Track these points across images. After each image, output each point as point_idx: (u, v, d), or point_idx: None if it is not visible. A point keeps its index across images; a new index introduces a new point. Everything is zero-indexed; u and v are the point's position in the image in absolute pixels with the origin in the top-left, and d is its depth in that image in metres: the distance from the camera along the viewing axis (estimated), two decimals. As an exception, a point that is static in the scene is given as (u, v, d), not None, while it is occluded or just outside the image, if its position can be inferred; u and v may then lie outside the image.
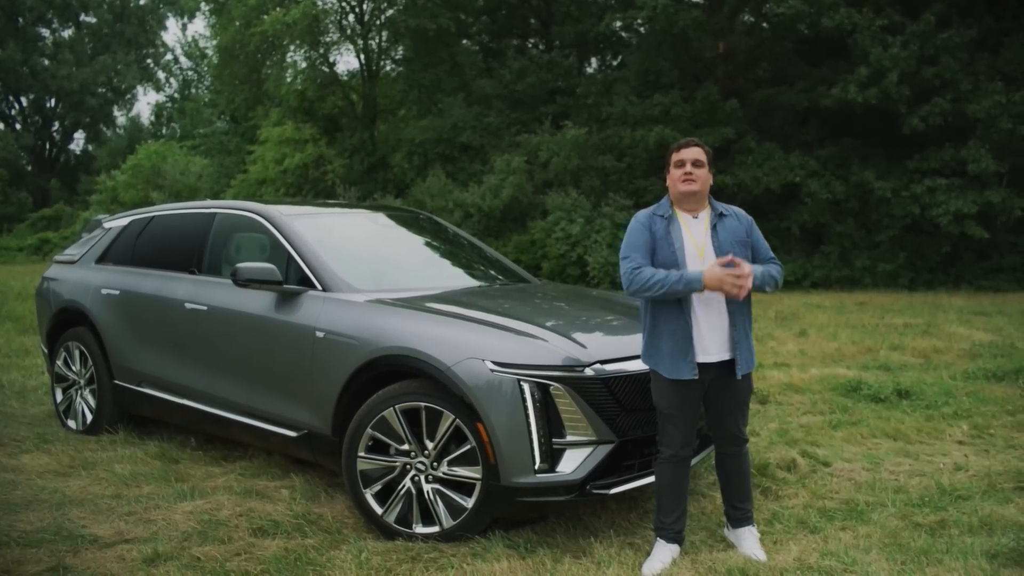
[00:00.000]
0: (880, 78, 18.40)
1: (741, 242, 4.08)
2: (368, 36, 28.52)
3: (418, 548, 4.17)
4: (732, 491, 4.26)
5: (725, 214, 4.13)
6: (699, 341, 3.97)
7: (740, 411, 4.16)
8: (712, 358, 3.98)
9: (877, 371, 8.68)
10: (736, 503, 4.25)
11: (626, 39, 26.77)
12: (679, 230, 4.04)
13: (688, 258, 3.99)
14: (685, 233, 4.03)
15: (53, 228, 37.34)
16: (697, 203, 4.09)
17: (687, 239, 4.02)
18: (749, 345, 4.07)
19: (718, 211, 4.12)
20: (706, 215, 4.10)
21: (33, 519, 4.56)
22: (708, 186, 4.09)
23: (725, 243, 4.02)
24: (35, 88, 50.71)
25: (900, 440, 6.26)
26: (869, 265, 19.27)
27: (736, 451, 4.20)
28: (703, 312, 3.99)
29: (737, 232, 4.10)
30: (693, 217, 4.08)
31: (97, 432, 6.29)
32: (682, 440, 4.07)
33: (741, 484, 4.24)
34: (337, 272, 5.01)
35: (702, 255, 3.99)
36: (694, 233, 4.04)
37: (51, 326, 6.78)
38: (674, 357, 3.97)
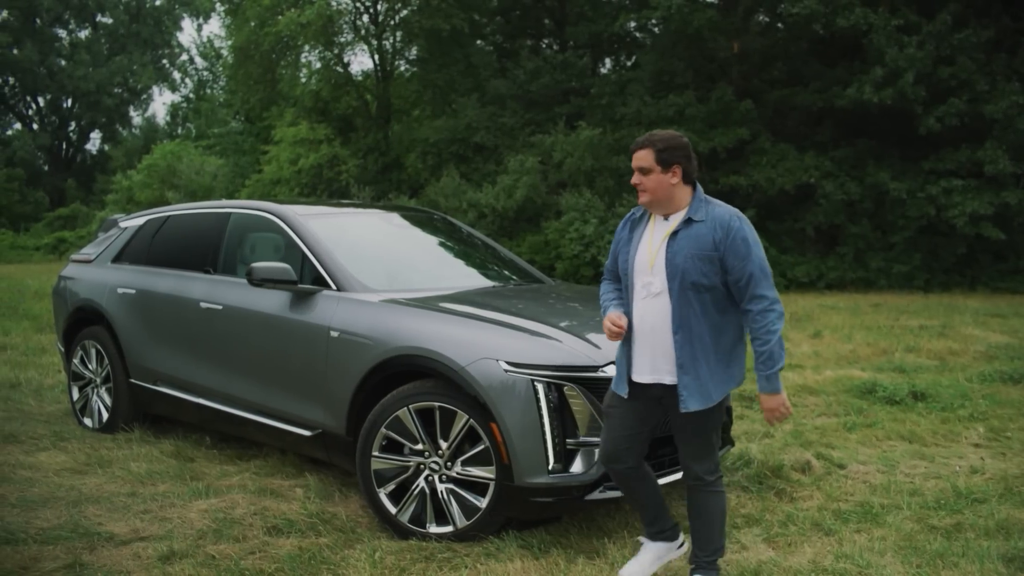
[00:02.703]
0: (896, 78, 18.33)
1: (701, 256, 3.43)
2: (382, 36, 28.58)
3: (432, 548, 4.18)
4: (693, 532, 3.74)
5: (696, 220, 3.48)
6: (635, 358, 3.59)
7: (689, 448, 3.64)
8: (646, 379, 3.57)
9: (892, 373, 8.64)
10: (696, 548, 3.73)
11: (640, 39, 26.72)
12: (641, 234, 3.61)
13: (636, 268, 3.57)
14: (646, 239, 3.58)
15: (69, 227, 37.59)
16: (663, 207, 3.58)
17: (643, 247, 3.57)
18: (701, 379, 3.48)
19: (690, 216, 3.50)
20: (677, 219, 3.54)
21: (50, 516, 4.59)
22: (667, 190, 3.52)
23: (678, 255, 3.45)
24: (52, 88, 51.06)
25: (915, 442, 6.22)
26: (884, 266, 19.19)
27: (695, 487, 3.69)
28: (638, 328, 3.58)
29: (700, 244, 3.44)
30: (664, 219, 3.59)
31: (113, 430, 6.32)
32: (608, 452, 3.71)
33: (701, 528, 3.69)
34: (351, 272, 5.02)
35: (651, 266, 3.52)
36: (655, 239, 3.55)
37: (68, 325, 6.82)
38: (618, 368, 3.68)
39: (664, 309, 3.49)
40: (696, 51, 22.18)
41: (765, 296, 3.43)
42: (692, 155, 3.58)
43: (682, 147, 3.56)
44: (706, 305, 3.48)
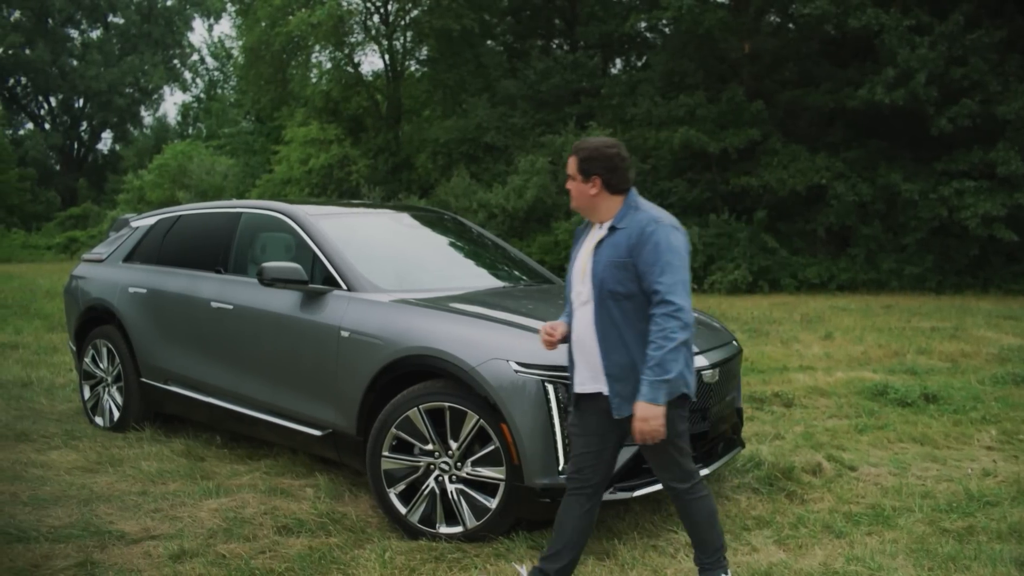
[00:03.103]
0: (907, 79, 18.25)
1: (616, 264, 3.38)
2: (393, 36, 28.63)
3: (442, 548, 4.18)
4: (690, 537, 3.71)
5: (619, 228, 3.42)
6: (575, 369, 3.56)
7: (649, 457, 3.58)
8: (587, 388, 3.52)
9: (904, 375, 8.60)
10: (697, 551, 3.68)
11: (651, 39, 26.70)
12: (582, 243, 3.60)
13: (573, 277, 3.58)
14: (584, 247, 3.56)
15: (81, 227, 37.78)
16: (590, 215, 3.55)
17: (580, 255, 3.57)
18: (623, 383, 3.39)
19: (613, 224, 3.45)
20: (605, 228, 3.48)
21: (61, 515, 4.60)
22: (587, 199, 3.50)
23: (599, 264, 3.41)
24: (64, 88, 51.35)
25: (927, 445, 6.19)
26: (896, 268, 19.11)
27: (672, 496, 3.64)
28: (573, 338, 3.56)
29: (617, 251, 3.39)
30: (599, 227, 3.53)
31: (124, 429, 6.34)
32: (572, 470, 3.61)
33: (692, 530, 3.64)
34: (362, 272, 5.02)
35: (583, 275, 3.50)
36: (588, 248, 3.53)
37: (79, 324, 6.84)
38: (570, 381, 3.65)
39: (590, 318, 3.46)
40: (707, 51, 22.14)
41: (671, 302, 3.28)
42: (619, 166, 3.47)
43: (604, 158, 3.47)
44: (627, 313, 3.39)
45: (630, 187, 3.51)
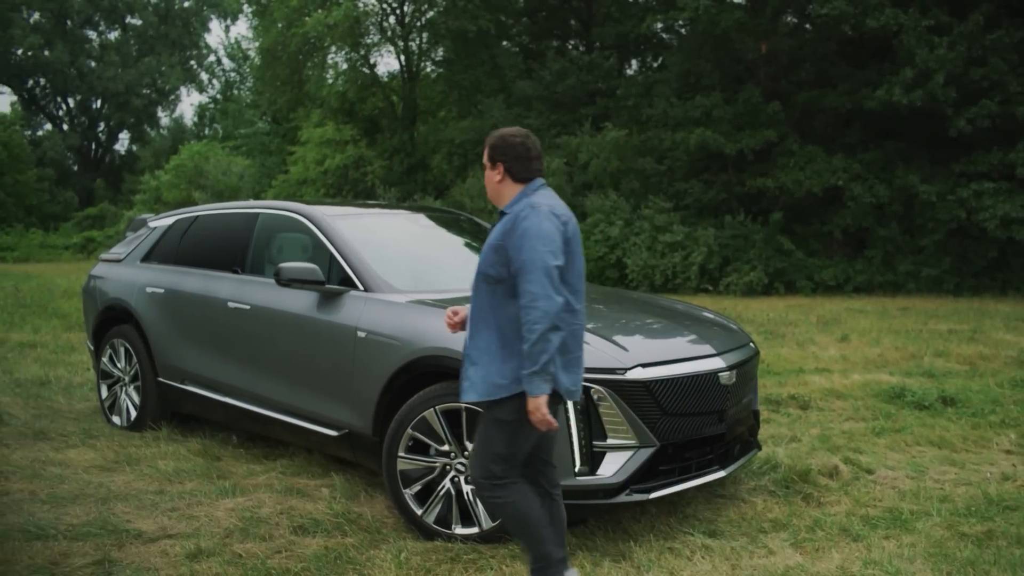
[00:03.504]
0: (926, 79, 18.14)
1: (492, 246, 3.43)
2: (408, 37, 28.70)
3: (457, 549, 4.18)
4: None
5: (506, 213, 3.47)
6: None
7: (475, 441, 3.60)
8: None
9: (921, 377, 8.55)
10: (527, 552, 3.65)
11: (667, 40, 26.64)
12: None
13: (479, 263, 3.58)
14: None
15: (98, 227, 38.00)
16: (497, 202, 3.59)
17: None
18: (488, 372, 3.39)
19: (504, 210, 3.50)
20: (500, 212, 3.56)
21: (79, 513, 4.63)
22: (493, 186, 3.57)
23: (484, 248, 3.49)
24: (82, 89, 51.68)
25: (945, 448, 6.15)
26: (913, 270, 18.99)
27: (475, 487, 3.58)
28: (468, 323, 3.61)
29: (495, 234, 3.44)
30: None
31: (141, 428, 6.37)
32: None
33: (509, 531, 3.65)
34: (379, 273, 5.03)
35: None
36: None
37: (97, 323, 6.88)
38: None
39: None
40: (723, 52, 22.07)
41: (529, 291, 3.24)
42: (523, 155, 3.51)
43: (509, 147, 3.52)
44: (497, 298, 3.40)
45: (534, 177, 3.54)
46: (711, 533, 4.45)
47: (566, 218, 3.43)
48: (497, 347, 3.39)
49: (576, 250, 3.46)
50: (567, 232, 3.40)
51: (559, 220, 3.38)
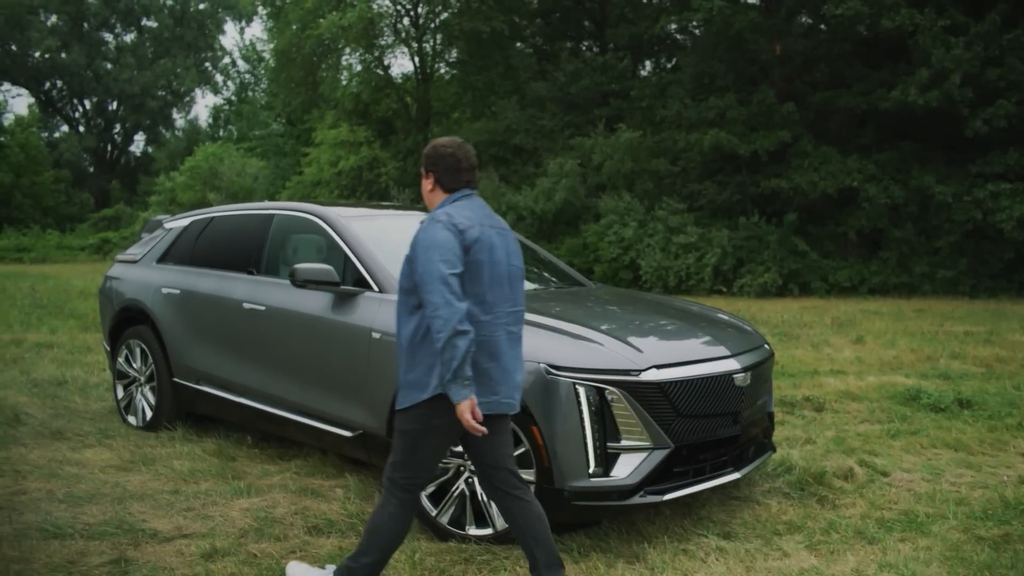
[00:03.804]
0: (942, 80, 18.04)
1: (406, 258, 3.50)
2: (422, 39, 28.75)
3: (471, 550, 4.19)
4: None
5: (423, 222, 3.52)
6: None
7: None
8: None
9: (937, 380, 8.51)
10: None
11: (681, 41, 26.60)
12: None
13: None
14: None
15: (113, 228, 38.24)
16: (431, 209, 3.63)
17: None
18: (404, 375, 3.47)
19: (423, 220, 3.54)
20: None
21: (96, 512, 4.66)
22: (426, 195, 3.65)
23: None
24: (98, 91, 52.05)
25: (961, 451, 6.11)
26: (928, 271, 18.89)
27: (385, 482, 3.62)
28: None
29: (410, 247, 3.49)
30: None
31: (156, 428, 6.40)
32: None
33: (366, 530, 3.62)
34: (393, 273, 5.01)
35: None
36: None
37: (113, 324, 6.92)
38: None
39: None
40: (737, 53, 22.01)
41: (429, 301, 3.27)
42: (452, 166, 3.57)
43: (440, 157, 3.58)
44: (403, 309, 3.48)
45: (461, 188, 3.58)
46: (725, 535, 4.44)
47: (466, 227, 3.40)
48: (403, 358, 3.47)
49: (489, 259, 3.45)
50: (467, 240, 3.38)
51: (456, 229, 3.38)
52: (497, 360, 3.45)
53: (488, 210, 3.62)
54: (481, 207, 3.58)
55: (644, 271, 20.14)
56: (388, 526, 3.50)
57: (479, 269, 3.41)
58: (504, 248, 3.54)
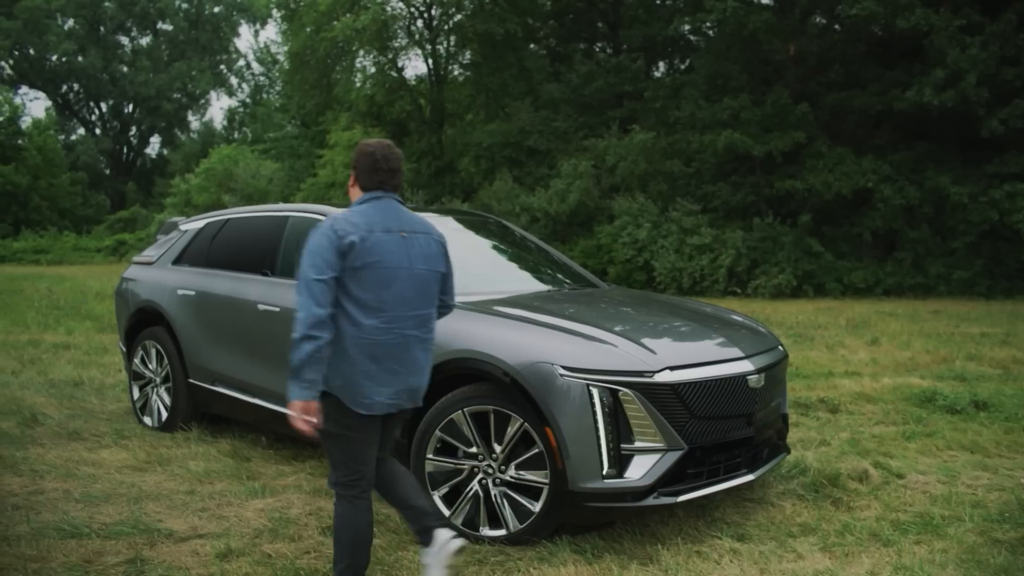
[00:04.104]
0: (957, 80, 17.96)
1: None
2: (436, 41, 28.80)
3: (485, 551, 4.19)
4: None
5: None
6: None
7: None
8: None
9: (953, 381, 8.46)
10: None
11: (695, 42, 26.57)
12: None
13: None
14: None
15: (129, 230, 38.42)
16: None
17: None
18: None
19: None
20: None
21: (112, 512, 4.69)
22: (349, 189, 3.75)
23: None
24: (114, 94, 52.39)
25: (978, 453, 6.08)
26: (944, 272, 18.80)
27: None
28: None
29: None
30: None
31: (172, 429, 6.44)
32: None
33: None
34: (406, 275, 5.04)
35: None
36: None
37: (129, 325, 6.95)
38: None
39: None
40: (751, 54, 21.97)
41: (296, 302, 3.37)
42: (370, 166, 3.61)
43: (360, 155, 3.66)
44: None
45: (376, 189, 3.61)
46: (739, 537, 4.43)
47: (347, 232, 3.41)
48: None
49: (377, 263, 3.44)
50: (343, 246, 3.39)
51: (335, 235, 3.39)
52: (388, 361, 3.47)
53: (398, 214, 3.61)
54: (387, 210, 3.58)
55: (658, 272, 20.12)
56: (343, 528, 3.55)
57: (361, 274, 3.42)
58: (405, 252, 3.52)
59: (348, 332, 3.41)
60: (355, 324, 3.40)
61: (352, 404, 3.43)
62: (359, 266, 3.41)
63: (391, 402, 3.50)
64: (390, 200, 3.63)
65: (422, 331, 3.57)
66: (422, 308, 3.57)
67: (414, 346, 3.54)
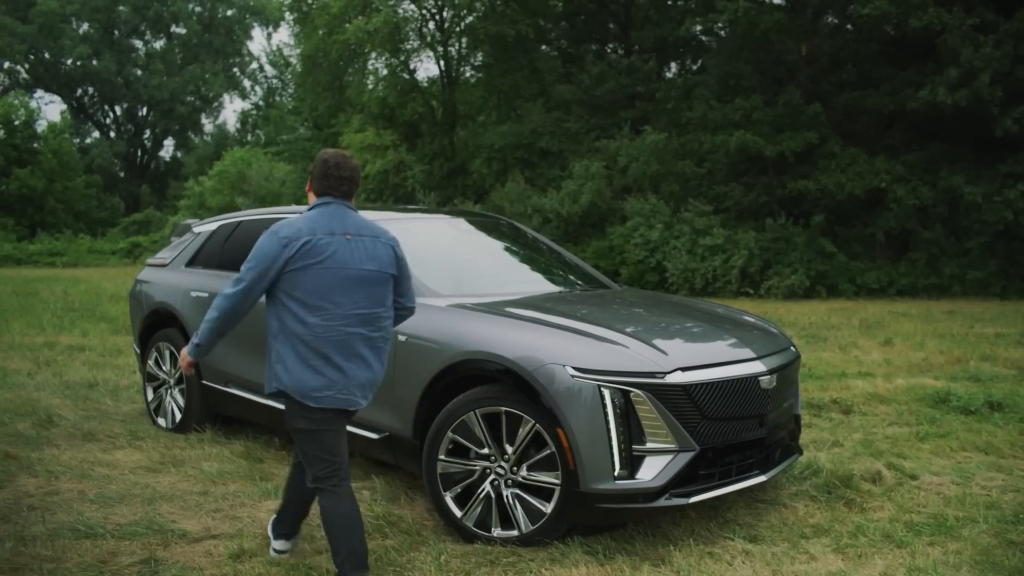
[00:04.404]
0: (971, 79, 17.86)
1: None
2: (448, 43, 28.81)
3: (497, 551, 4.20)
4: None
5: None
6: None
7: None
8: None
9: (967, 382, 8.41)
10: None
11: (706, 43, 26.50)
12: None
13: None
14: None
15: (143, 232, 38.57)
16: None
17: None
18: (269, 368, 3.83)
19: None
20: None
21: (126, 512, 4.72)
22: (306, 194, 3.97)
23: None
24: (128, 98, 52.66)
25: (992, 454, 6.05)
26: (958, 272, 18.70)
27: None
28: None
29: None
30: None
31: (186, 430, 6.47)
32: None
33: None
34: (419, 277, 5.05)
35: None
36: None
37: (143, 327, 6.99)
38: None
39: None
40: (763, 54, 21.90)
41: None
42: (322, 172, 3.80)
43: (316, 163, 3.86)
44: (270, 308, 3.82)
45: (325, 194, 3.81)
46: (752, 538, 4.42)
47: (291, 236, 3.64)
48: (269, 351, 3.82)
49: (321, 264, 3.64)
50: (290, 249, 3.62)
51: (278, 238, 3.64)
52: (334, 357, 3.65)
53: (344, 218, 3.77)
54: (334, 214, 3.76)
55: (670, 273, 20.08)
56: (332, 519, 3.70)
57: (305, 274, 3.63)
58: (350, 254, 3.69)
59: (296, 330, 3.64)
60: (301, 322, 3.63)
61: (303, 399, 3.65)
62: (302, 267, 3.62)
63: (342, 397, 3.67)
64: (338, 205, 3.81)
65: (368, 329, 3.72)
66: (368, 308, 3.72)
67: (358, 343, 3.69)
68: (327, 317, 3.63)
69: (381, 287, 3.77)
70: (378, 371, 3.78)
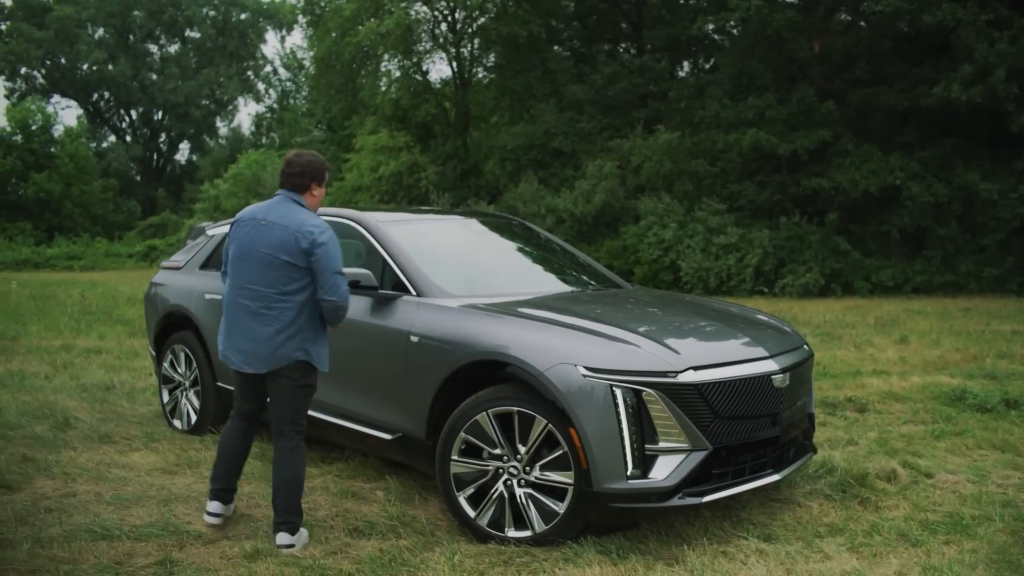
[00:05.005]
0: (986, 75, 17.74)
1: None
2: (460, 44, 28.84)
3: (510, 552, 4.21)
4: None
5: None
6: None
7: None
8: None
9: (983, 380, 8.37)
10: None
11: (719, 41, 26.43)
12: None
13: None
14: None
15: (160, 235, 38.77)
16: None
17: None
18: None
19: None
20: None
21: (142, 514, 4.75)
22: None
23: None
24: (144, 102, 52.98)
25: (1008, 452, 6.01)
26: (974, 270, 18.58)
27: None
28: None
29: None
30: None
31: (201, 432, 6.50)
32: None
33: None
34: (431, 278, 5.08)
35: None
36: None
37: (158, 329, 7.03)
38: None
39: None
40: (776, 52, 21.83)
41: None
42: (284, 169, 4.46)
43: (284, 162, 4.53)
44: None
45: (280, 188, 4.45)
46: (766, 537, 4.41)
47: (236, 220, 4.43)
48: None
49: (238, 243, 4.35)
50: (231, 230, 4.42)
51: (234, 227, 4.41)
52: (230, 325, 4.37)
53: (276, 208, 4.34)
54: (272, 204, 4.38)
55: (684, 272, 20.04)
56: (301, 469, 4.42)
57: (227, 251, 4.43)
58: (258, 237, 4.28)
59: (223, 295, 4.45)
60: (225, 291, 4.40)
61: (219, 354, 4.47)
62: (227, 245, 4.42)
63: (226, 355, 4.41)
64: (283, 197, 4.40)
65: (257, 304, 4.26)
66: (262, 286, 4.26)
67: (246, 315, 4.30)
68: (236, 289, 4.32)
69: (275, 270, 4.23)
70: (260, 347, 4.25)
